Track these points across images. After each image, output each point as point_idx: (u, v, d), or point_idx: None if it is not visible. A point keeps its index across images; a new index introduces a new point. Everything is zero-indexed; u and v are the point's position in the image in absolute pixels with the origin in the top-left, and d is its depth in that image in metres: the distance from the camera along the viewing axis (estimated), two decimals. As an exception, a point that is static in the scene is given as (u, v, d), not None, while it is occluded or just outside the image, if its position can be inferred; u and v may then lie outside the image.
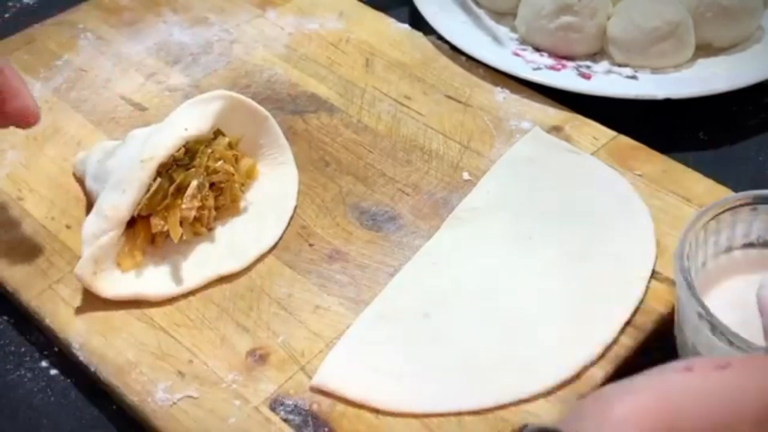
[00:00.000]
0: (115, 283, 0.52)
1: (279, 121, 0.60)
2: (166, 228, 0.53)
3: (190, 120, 0.54)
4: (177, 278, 0.53)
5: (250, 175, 0.58)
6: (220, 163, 0.55)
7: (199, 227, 0.55)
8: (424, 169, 0.60)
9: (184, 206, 0.53)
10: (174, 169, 0.53)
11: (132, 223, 0.53)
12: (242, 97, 0.57)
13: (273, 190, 0.58)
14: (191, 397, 0.48)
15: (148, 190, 0.52)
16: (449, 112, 0.65)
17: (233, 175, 0.56)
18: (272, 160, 0.59)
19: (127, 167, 0.52)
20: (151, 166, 0.51)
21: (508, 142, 0.62)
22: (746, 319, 0.45)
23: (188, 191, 0.53)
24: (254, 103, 0.58)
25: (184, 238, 0.53)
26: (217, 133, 0.56)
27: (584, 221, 0.56)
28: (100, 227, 0.51)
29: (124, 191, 0.51)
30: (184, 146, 0.53)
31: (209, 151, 0.54)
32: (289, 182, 0.59)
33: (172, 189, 0.52)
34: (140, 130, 0.57)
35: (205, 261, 0.54)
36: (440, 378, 0.48)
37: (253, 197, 0.58)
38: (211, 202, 0.55)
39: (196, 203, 0.53)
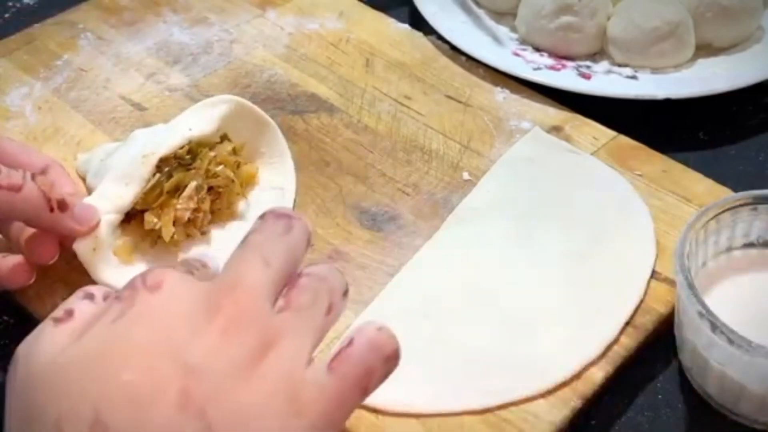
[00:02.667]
0: (108, 271, 0.51)
1: (279, 121, 0.60)
2: (158, 226, 0.52)
3: (195, 121, 0.54)
4: None
5: (249, 182, 0.58)
6: (221, 167, 0.55)
7: (192, 230, 0.54)
8: (424, 169, 0.60)
9: (179, 206, 0.52)
10: (175, 168, 0.53)
11: (128, 220, 0.53)
12: (248, 103, 0.57)
13: (271, 196, 0.58)
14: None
15: (146, 184, 0.52)
16: (449, 112, 0.65)
17: (232, 181, 0.55)
18: (272, 167, 0.59)
19: (128, 162, 0.52)
20: (152, 161, 0.52)
21: (508, 142, 0.62)
22: (746, 318, 0.45)
23: (185, 191, 0.53)
24: (259, 110, 0.57)
25: (175, 238, 0.53)
26: (224, 137, 0.56)
27: (584, 221, 0.56)
28: (103, 206, 0.51)
29: (127, 184, 0.51)
30: (188, 145, 0.53)
31: (212, 154, 0.54)
32: (287, 189, 0.59)
33: (168, 186, 0.52)
34: (141, 130, 0.58)
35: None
36: (440, 378, 0.48)
37: (252, 201, 0.58)
38: (207, 205, 0.54)
39: (192, 204, 0.53)
